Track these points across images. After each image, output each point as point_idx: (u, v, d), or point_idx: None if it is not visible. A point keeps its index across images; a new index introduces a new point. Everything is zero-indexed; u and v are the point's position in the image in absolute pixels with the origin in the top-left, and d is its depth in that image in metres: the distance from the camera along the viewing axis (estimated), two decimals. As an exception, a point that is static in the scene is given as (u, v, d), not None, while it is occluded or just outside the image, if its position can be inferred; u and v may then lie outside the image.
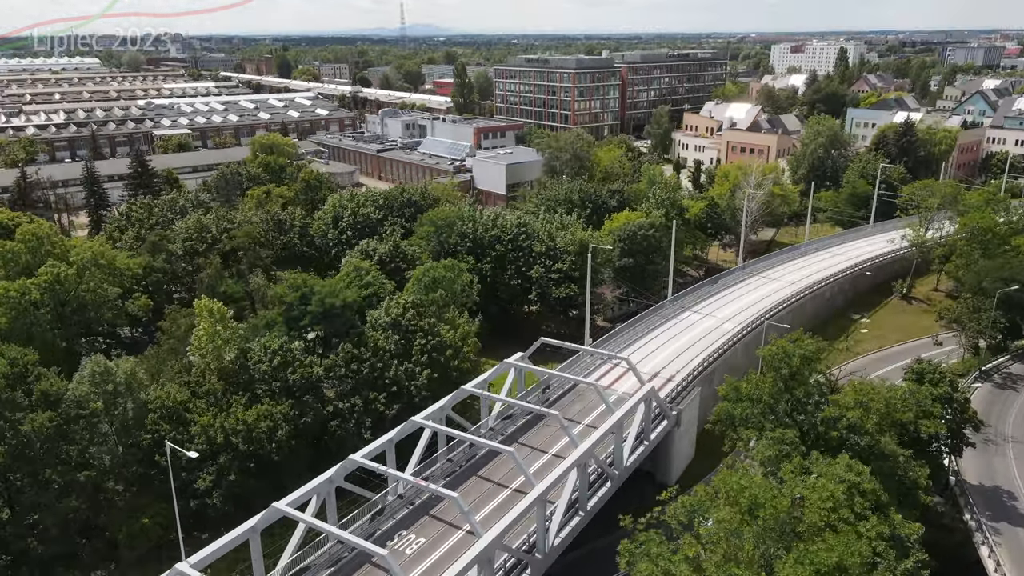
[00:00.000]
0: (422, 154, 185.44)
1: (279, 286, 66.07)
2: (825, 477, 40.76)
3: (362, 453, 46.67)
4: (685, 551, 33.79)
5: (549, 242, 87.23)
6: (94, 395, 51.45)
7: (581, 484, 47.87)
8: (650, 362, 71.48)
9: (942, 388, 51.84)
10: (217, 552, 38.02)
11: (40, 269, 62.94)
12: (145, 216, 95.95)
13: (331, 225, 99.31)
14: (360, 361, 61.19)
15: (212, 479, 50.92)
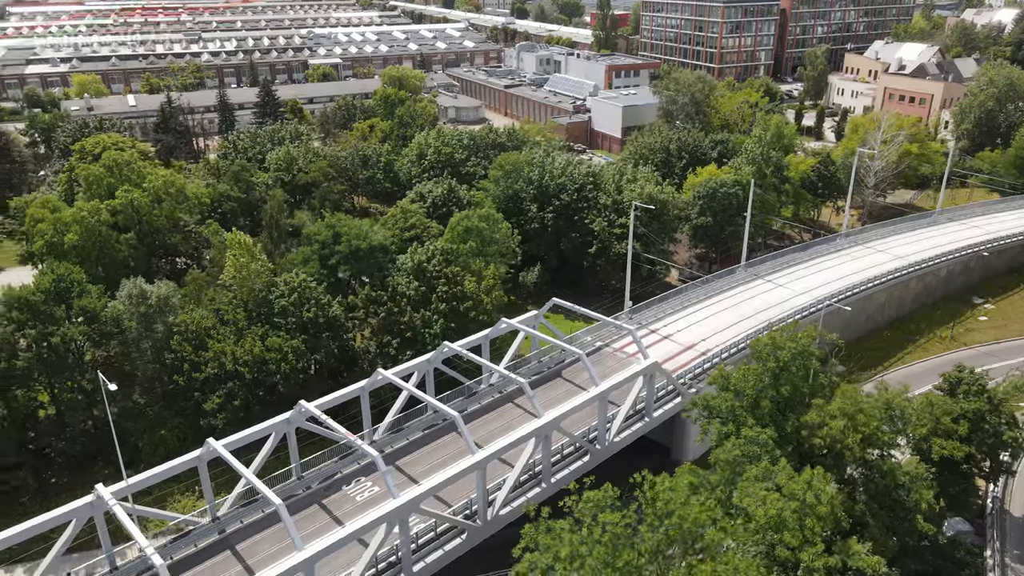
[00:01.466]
0: (547, 91, 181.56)
1: (315, 224, 68.27)
2: (783, 491, 36.60)
3: (460, 343, 52.63)
4: (565, 547, 31.85)
5: (616, 195, 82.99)
6: (128, 315, 56.61)
7: (544, 455, 46.42)
8: (691, 333, 66.95)
9: (975, 403, 44.04)
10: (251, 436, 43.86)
11: (117, 193, 69.36)
12: (249, 145, 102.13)
13: (415, 162, 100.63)
14: (378, 304, 62.42)
15: (220, 402, 54.72)
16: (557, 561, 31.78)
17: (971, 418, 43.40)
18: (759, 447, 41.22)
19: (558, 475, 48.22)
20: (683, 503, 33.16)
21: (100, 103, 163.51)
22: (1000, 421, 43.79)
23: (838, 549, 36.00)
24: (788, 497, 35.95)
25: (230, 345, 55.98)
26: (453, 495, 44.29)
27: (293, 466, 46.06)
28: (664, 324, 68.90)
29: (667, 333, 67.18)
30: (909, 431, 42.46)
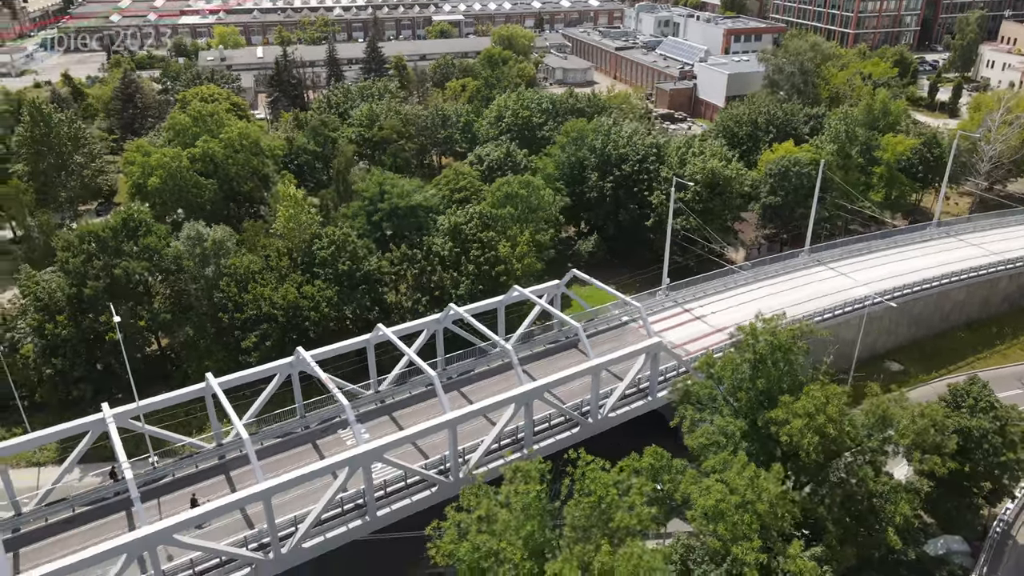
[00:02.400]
0: (658, 55, 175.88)
1: (365, 181, 71.45)
2: (728, 484, 36.02)
3: (470, 307, 54.71)
4: (482, 508, 33.13)
5: (679, 168, 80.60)
6: (187, 255, 62.46)
7: (527, 422, 47.54)
8: (726, 316, 64.73)
9: (978, 420, 40.31)
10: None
11: (197, 142, 75.71)
12: (341, 100, 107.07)
13: (493, 124, 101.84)
14: (412, 262, 65.03)
15: (255, 341, 59.61)
16: (474, 522, 33.27)
17: (969, 434, 40.02)
18: (726, 437, 40.49)
19: (544, 443, 49.25)
20: (606, 484, 33.56)
21: (232, 54, 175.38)
22: (1001, 441, 40.07)
23: (778, 549, 35.08)
24: (732, 491, 35.33)
25: (268, 290, 60.48)
26: (436, 451, 46.61)
27: (296, 406, 49.94)
28: (701, 304, 67.24)
29: (701, 314, 65.57)
30: (896, 440, 39.87)
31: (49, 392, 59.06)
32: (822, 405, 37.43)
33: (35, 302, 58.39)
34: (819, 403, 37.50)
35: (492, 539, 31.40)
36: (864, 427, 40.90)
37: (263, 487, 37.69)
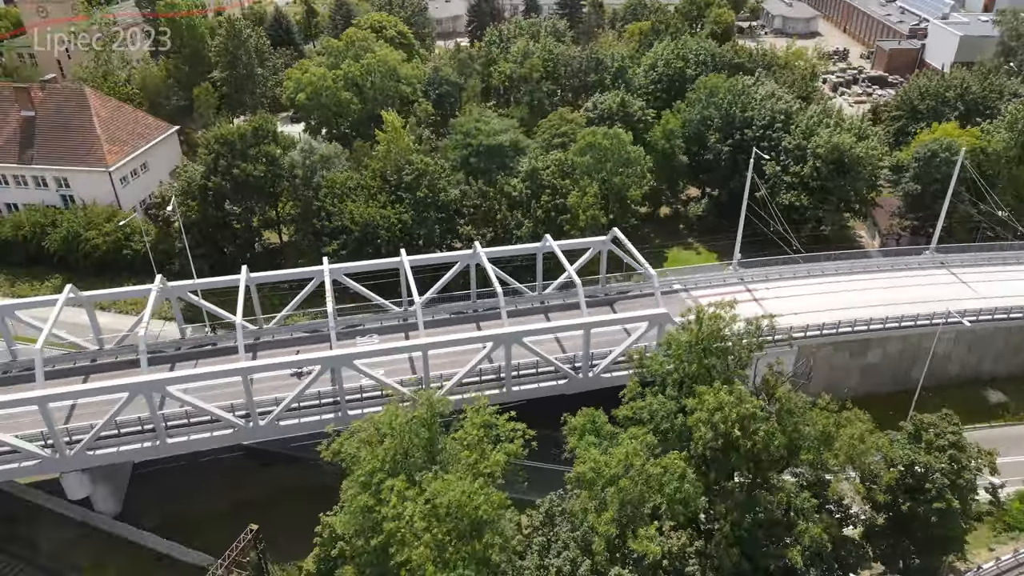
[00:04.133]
0: (896, 7, 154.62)
1: (463, 116, 75.06)
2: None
3: (499, 250, 59.27)
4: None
5: (802, 139, 74.03)
6: (299, 164, 71.63)
7: (507, 363, 50.08)
8: (786, 303, 60.27)
9: (927, 458, 34.90)
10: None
11: (341, 64, 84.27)
12: (496, 40, 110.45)
13: (647, 72, 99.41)
14: (485, 198, 68.47)
15: (335, 248, 67.56)
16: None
17: (913, 470, 35.32)
18: (650, 415, 40.26)
19: (527, 386, 51.61)
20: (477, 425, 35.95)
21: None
22: (948, 484, 34.77)
23: (635, 527, 35.12)
24: (606, 464, 35.89)
25: (353, 205, 67.67)
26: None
27: (328, 309, 56.89)
28: (767, 287, 63.21)
29: (761, 296, 61.83)
30: (826, 460, 36.66)
31: (183, 263, 72.27)
32: (729, 404, 35.65)
33: (182, 187, 71.23)
34: (724, 401, 35.79)
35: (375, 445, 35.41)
36: (806, 441, 38.23)
37: (423, 341, 46.21)
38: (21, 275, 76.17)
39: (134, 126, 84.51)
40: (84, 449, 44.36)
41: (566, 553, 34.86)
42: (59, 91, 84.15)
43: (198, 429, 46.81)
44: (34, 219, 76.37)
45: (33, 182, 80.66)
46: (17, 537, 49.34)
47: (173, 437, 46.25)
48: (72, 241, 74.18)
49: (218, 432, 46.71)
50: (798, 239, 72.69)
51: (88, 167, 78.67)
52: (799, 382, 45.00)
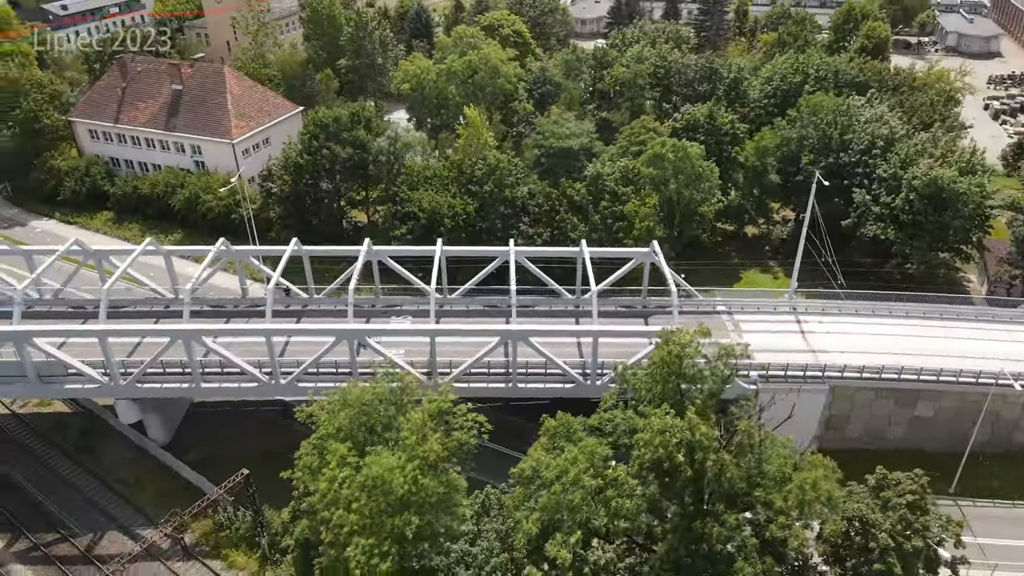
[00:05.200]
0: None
1: (543, 118, 76.23)
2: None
3: (538, 249, 61.93)
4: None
5: (899, 168, 68.42)
6: (384, 151, 76.58)
7: (512, 359, 51.43)
8: (832, 339, 56.60)
9: (873, 513, 31.62)
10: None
11: (446, 60, 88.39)
12: (618, 43, 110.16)
13: (763, 84, 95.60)
14: (548, 199, 69.68)
15: (401, 232, 71.69)
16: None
17: (857, 526, 32.41)
18: (613, 428, 40.23)
19: (534, 384, 52.68)
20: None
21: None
22: (892, 547, 31.49)
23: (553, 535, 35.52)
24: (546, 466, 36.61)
25: (422, 192, 71.44)
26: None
27: (375, 287, 60.96)
28: (819, 319, 59.47)
29: (809, 329, 58.38)
30: (772, 499, 34.77)
31: (277, 229, 79.69)
32: (674, 428, 34.87)
33: (280, 162, 78.54)
34: (669, 425, 35.05)
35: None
36: (765, 479, 36.67)
37: (431, 327, 50.31)
38: (152, 227, 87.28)
39: (262, 104, 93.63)
40: (133, 382, 51.14)
41: (485, 543, 36.02)
42: (203, 69, 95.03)
43: (230, 378, 52.32)
44: (167, 179, 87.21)
45: (174, 147, 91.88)
46: (88, 448, 57.67)
47: (207, 383, 52.02)
48: (192, 202, 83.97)
49: (245, 384, 51.96)
50: (881, 275, 67.94)
51: (217, 138, 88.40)
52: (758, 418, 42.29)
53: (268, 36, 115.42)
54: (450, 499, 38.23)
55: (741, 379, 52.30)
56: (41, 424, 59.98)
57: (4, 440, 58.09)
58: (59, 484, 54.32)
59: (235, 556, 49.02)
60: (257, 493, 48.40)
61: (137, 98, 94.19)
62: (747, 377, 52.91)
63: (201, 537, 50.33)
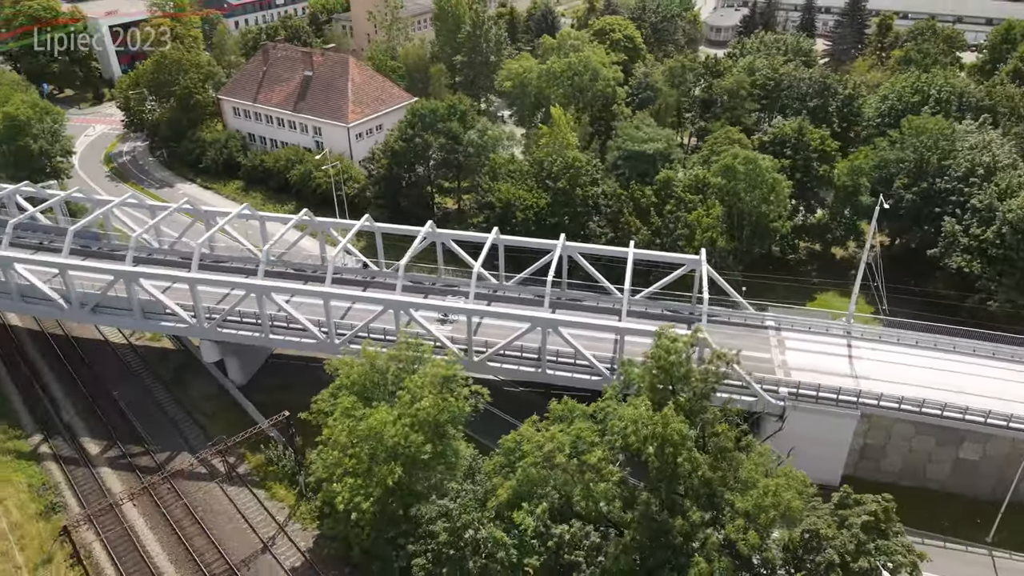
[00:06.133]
0: None
1: (625, 122, 77.48)
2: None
3: (584, 248, 62.16)
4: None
5: (996, 199, 64.08)
6: (473, 143, 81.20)
7: (543, 346, 54.12)
8: (885, 369, 54.77)
9: (826, 527, 30.85)
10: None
11: (547, 61, 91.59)
12: (737, 52, 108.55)
13: (880, 103, 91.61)
14: (617, 200, 71.37)
15: (478, 221, 75.93)
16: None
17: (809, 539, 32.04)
18: (603, 416, 42.23)
19: (563, 372, 55.11)
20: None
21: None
22: (837, 561, 30.82)
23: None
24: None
25: (501, 183, 75.23)
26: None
27: (439, 267, 65.46)
28: (872, 346, 57.44)
29: (858, 355, 56.60)
30: (735, 502, 35.21)
31: (372, 208, 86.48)
32: (644, 421, 36.37)
33: (379, 148, 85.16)
34: (639, 417, 36.57)
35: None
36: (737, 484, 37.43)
37: (470, 307, 54.59)
38: (271, 197, 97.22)
39: (379, 93, 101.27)
40: (214, 325, 58.67)
41: (460, 500, 39.26)
42: (331, 58, 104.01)
43: (293, 333, 58.67)
44: (288, 155, 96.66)
45: (299, 127, 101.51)
46: (180, 380, 66.37)
47: (274, 334, 58.67)
48: (306, 177, 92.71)
49: (305, 339, 58.11)
50: (962, 310, 64.26)
51: (335, 121, 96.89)
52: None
53: (400, 31, 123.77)
54: (444, 458, 41.91)
55: (770, 394, 52.37)
56: (149, 355, 69.55)
57: (117, 364, 68.06)
58: (152, 406, 63.10)
59: (277, 489, 55.18)
60: (300, 436, 54.29)
61: (274, 81, 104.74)
62: (776, 393, 52.63)
63: (253, 469, 56.97)
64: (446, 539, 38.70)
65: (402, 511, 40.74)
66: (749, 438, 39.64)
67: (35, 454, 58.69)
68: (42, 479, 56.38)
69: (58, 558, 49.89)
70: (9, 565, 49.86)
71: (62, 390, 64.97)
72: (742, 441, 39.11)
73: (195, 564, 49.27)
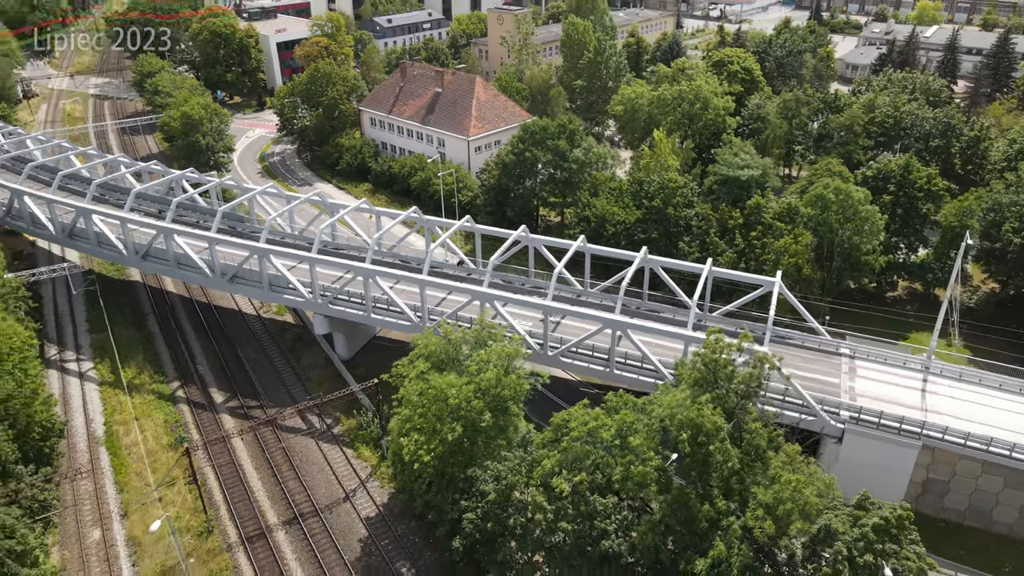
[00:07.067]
0: None
1: (723, 149, 79.51)
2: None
3: (665, 262, 65.14)
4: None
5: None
6: (578, 160, 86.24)
7: (612, 346, 57.81)
8: (961, 408, 54.14)
9: (837, 521, 31.84)
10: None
11: (659, 87, 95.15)
12: (862, 88, 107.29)
13: (1008, 147, 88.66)
14: (705, 220, 73.89)
15: (575, 232, 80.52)
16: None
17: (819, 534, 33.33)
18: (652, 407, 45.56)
19: (629, 373, 58.53)
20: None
21: (897, 28, 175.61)
22: (845, 555, 31.86)
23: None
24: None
25: (598, 200, 79.64)
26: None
27: (529, 269, 70.56)
28: (950, 384, 56.72)
29: (932, 390, 56.16)
30: (757, 494, 37.26)
31: (481, 215, 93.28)
32: (679, 408, 39.49)
33: (495, 159, 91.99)
34: (675, 403, 39.67)
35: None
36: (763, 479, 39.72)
37: (546, 304, 59.84)
38: (394, 199, 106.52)
39: (500, 111, 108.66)
40: (326, 302, 66.73)
41: (508, 464, 43.79)
42: (461, 77, 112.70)
43: (391, 314, 65.63)
44: (412, 163, 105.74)
45: (425, 139, 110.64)
46: (294, 350, 75.20)
47: (375, 314, 65.91)
48: (425, 183, 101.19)
49: (401, 321, 64.88)
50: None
51: (457, 134, 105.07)
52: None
53: (528, 56, 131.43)
54: (504, 433, 46.74)
55: (830, 415, 53.40)
56: (272, 326, 79.13)
57: (245, 331, 78.01)
58: (269, 368, 72.10)
59: (363, 450, 61.95)
60: (387, 405, 60.82)
61: (409, 96, 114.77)
62: (837, 415, 53.54)
63: (345, 431, 64.14)
64: (494, 498, 43.36)
65: (460, 473, 45.78)
66: (780, 439, 41.60)
67: (172, 396, 68.81)
68: (175, 417, 66.18)
69: (179, 481, 58.87)
70: (143, 483, 59.36)
71: (200, 347, 75.44)
72: (774, 442, 41.20)
73: (286, 501, 56.69)
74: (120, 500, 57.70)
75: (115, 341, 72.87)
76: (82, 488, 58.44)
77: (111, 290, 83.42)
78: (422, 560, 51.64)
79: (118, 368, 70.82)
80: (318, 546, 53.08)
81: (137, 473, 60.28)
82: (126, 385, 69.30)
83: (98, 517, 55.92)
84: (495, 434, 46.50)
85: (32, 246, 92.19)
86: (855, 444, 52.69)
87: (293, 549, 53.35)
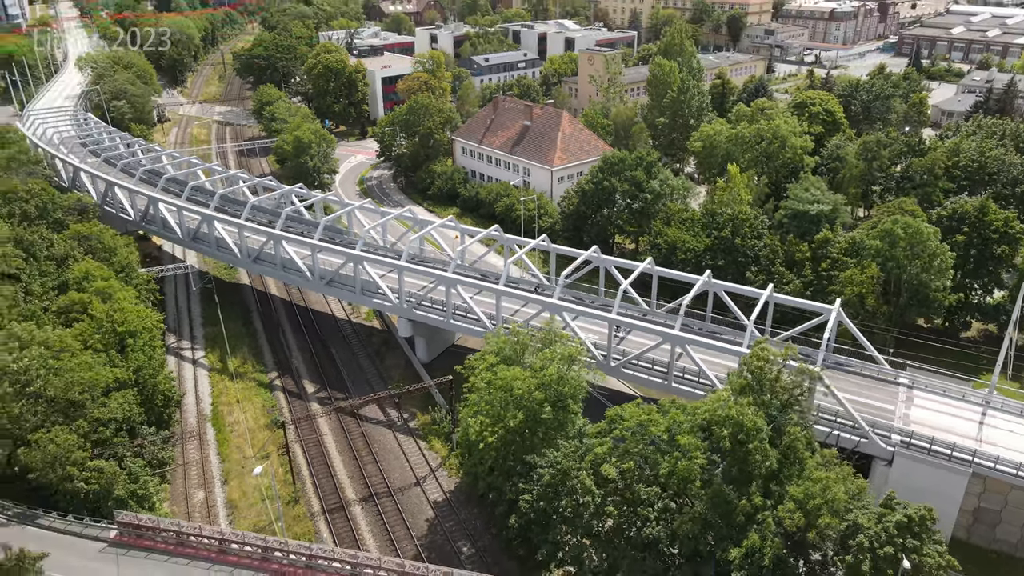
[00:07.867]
0: None
1: (798, 184, 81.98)
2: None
3: (733, 287, 68.23)
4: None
5: None
6: (654, 191, 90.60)
7: (671, 359, 61.44)
8: (1005, 437, 54.79)
9: (866, 520, 33.81)
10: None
11: (738, 126, 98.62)
12: (948, 133, 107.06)
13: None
14: (772, 251, 76.63)
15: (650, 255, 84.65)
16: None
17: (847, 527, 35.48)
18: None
19: (686, 387, 61.87)
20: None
21: (998, 75, 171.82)
22: (867, 547, 33.77)
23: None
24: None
25: (666, 227, 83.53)
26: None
27: (599, 288, 75.08)
28: (1010, 418, 57.25)
29: (993, 423, 56.90)
30: (790, 491, 39.94)
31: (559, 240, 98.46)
32: (719, 407, 42.98)
33: (576, 187, 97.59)
34: (717, 402, 43.13)
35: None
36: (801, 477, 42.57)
37: (611, 316, 64.91)
38: (480, 223, 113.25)
39: (584, 144, 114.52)
40: (411, 306, 73.31)
41: (564, 450, 48.12)
42: (549, 111, 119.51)
43: (468, 321, 71.45)
44: (497, 189, 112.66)
45: (512, 168, 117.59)
46: (379, 352, 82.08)
47: (454, 320, 71.88)
48: (509, 208, 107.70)
49: (477, 327, 70.53)
50: None
51: (542, 164, 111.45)
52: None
53: (615, 94, 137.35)
54: (562, 427, 51.26)
55: (881, 438, 55.12)
56: (361, 330, 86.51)
57: (337, 332, 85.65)
58: (356, 366, 79.12)
59: (435, 442, 67.47)
60: (459, 403, 66.23)
61: (498, 127, 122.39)
62: (888, 439, 55.15)
63: (420, 425, 69.93)
64: (548, 480, 47.77)
65: (520, 459, 50.46)
66: (815, 443, 44.16)
67: (270, 385, 76.65)
68: (272, 403, 73.78)
69: (272, 455, 65.97)
70: (241, 456, 66.79)
71: (296, 344, 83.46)
72: (811, 445, 43.89)
73: (364, 480, 62.70)
74: (222, 468, 65.24)
75: (225, 334, 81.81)
76: (190, 455, 66.37)
77: (223, 290, 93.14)
78: (481, 541, 56.30)
79: (226, 357, 79.53)
80: (389, 522, 58.60)
81: (237, 447, 67.83)
82: (232, 372, 77.74)
83: (203, 481, 63.47)
84: (555, 427, 50.96)
85: (158, 250, 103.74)
86: (905, 467, 54.10)
87: (367, 523, 59.08)
